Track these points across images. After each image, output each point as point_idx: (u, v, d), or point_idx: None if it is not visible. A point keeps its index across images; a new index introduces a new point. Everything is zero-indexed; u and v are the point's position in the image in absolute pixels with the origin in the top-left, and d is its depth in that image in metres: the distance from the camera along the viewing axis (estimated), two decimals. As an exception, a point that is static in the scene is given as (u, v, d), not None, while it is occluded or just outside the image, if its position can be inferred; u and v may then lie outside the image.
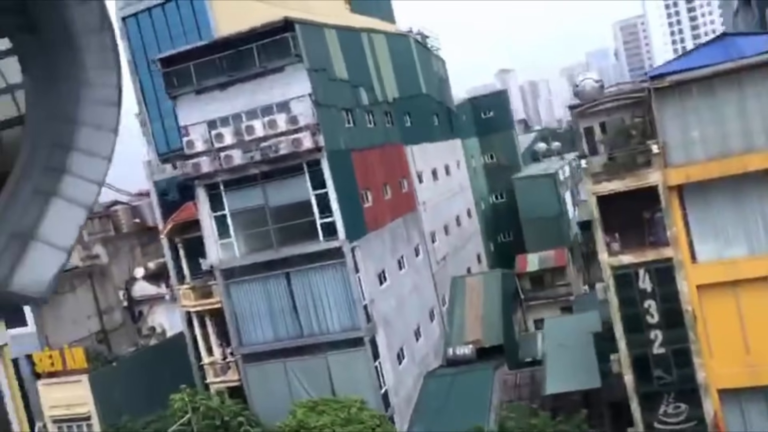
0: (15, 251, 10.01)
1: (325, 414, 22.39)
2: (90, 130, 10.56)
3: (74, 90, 10.42)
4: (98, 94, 10.53)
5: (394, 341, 26.40)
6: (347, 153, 25.60)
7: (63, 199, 10.35)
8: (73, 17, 9.88)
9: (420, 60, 38.78)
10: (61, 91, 10.42)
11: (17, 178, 10.21)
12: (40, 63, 10.22)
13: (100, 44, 10.24)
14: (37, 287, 10.05)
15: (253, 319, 25.35)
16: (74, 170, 10.45)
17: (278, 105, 24.07)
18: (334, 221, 23.96)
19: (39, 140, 10.40)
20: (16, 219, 10.12)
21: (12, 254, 9.99)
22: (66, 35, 10.05)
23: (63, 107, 10.47)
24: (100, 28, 10.08)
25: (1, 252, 10.00)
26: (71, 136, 10.46)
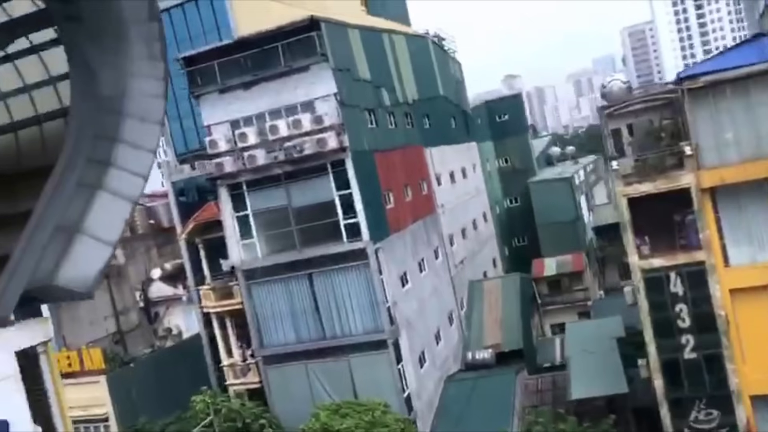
0: (60, 245, 9.82)
1: (349, 417, 22.09)
2: (135, 123, 10.37)
3: (121, 81, 10.25)
4: (144, 85, 10.36)
5: (416, 344, 26.09)
6: (371, 154, 25.38)
7: (108, 192, 10.16)
8: (122, 6, 9.72)
9: (438, 62, 38.59)
10: (108, 82, 10.25)
11: (61, 171, 10.03)
12: (87, 53, 10.05)
13: (148, 34, 10.07)
14: (82, 282, 9.85)
15: (275, 320, 25.09)
16: (119, 163, 10.27)
17: (302, 105, 23.89)
18: (358, 222, 23.71)
19: (84, 132, 10.22)
20: (60, 212, 9.94)
21: (57, 248, 9.81)
22: (114, 25, 9.89)
23: (109, 99, 10.29)
24: (149, 18, 9.92)
25: (46, 245, 9.81)
26: (117, 128, 10.28)
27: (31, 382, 9.50)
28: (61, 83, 11.12)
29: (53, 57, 10.93)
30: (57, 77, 11.07)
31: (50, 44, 10.76)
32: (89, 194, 10.05)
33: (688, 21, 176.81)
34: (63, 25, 9.99)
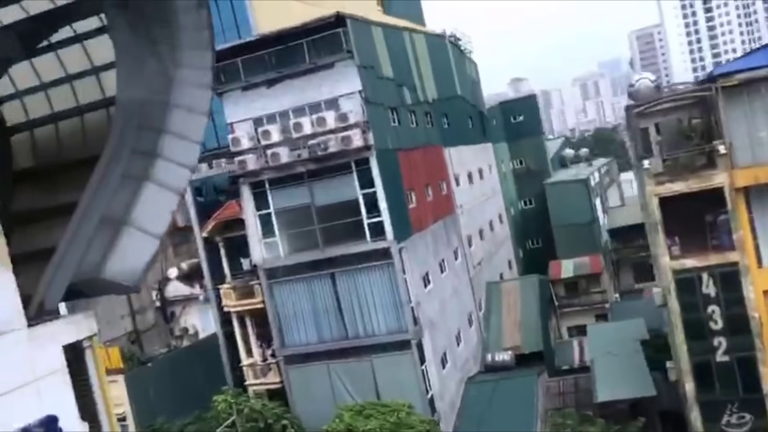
0: (107, 237, 9.60)
1: (373, 418, 21.82)
2: (182, 113, 10.15)
3: (168, 71, 10.03)
4: (192, 75, 10.13)
5: (439, 345, 25.82)
6: (394, 152, 25.15)
7: (155, 183, 9.94)
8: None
9: (455, 62, 38.37)
10: (154, 72, 10.04)
11: (107, 162, 9.79)
12: (134, 42, 9.83)
13: (196, 23, 9.84)
14: (129, 275, 9.62)
15: (297, 320, 24.86)
16: (166, 154, 10.05)
17: (326, 102, 23.69)
18: (382, 221, 23.47)
19: (129, 123, 10.00)
20: (106, 204, 9.71)
21: (104, 240, 9.59)
22: (163, 13, 9.67)
23: (155, 89, 10.07)
24: (198, 6, 9.69)
25: (92, 238, 9.59)
26: (163, 119, 10.05)
27: (77, 377, 9.27)
28: (104, 73, 10.92)
29: (97, 46, 10.73)
30: (100, 67, 10.87)
31: (95, 33, 10.56)
32: (135, 186, 9.83)
33: (697, 24, 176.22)
34: (111, 13, 9.78)
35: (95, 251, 9.48)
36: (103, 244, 9.51)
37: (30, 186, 11.24)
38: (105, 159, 9.81)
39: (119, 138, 9.94)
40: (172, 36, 9.86)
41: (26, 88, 11.30)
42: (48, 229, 10.61)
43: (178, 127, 10.08)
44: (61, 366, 9.01)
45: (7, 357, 8.31)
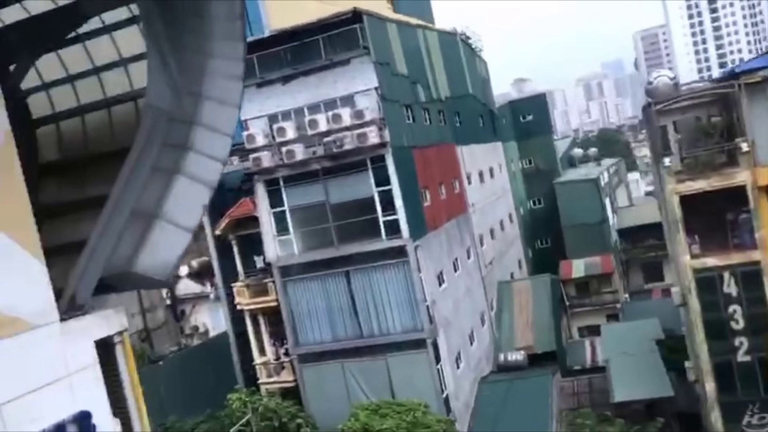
0: (138, 231, 9.43)
1: (389, 417, 21.64)
2: (214, 105, 9.99)
3: (199, 62, 9.86)
4: (223, 66, 9.97)
5: (453, 345, 25.64)
6: (409, 150, 24.98)
7: (186, 176, 9.77)
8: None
9: (466, 60, 38.19)
10: (186, 63, 9.87)
11: (137, 155, 9.63)
12: (166, 32, 9.66)
13: (228, 12, 9.69)
14: (160, 269, 9.46)
15: (311, 318, 24.69)
16: (197, 147, 9.88)
17: (342, 99, 23.50)
18: (398, 219, 23.28)
19: (160, 115, 9.84)
20: (137, 197, 9.55)
21: (135, 234, 9.42)
22: (194, 2, 9.52)
23: (187, 80, 9.90)
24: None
25: (123, 231, 9.43)
26: (195, 111, 9.89)
27: (108, 373, 9.11)
28: (132, 65, 10.77)
29: (126, 37, 10.57)
30: (129, 58, 10.71)
31: (124, 23, 10.41)
32: (167, 179, 9.66)
33: (703, 24, 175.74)
34: (141, 3, 9.63)
35: (126, 245, 9.32)
36: (135, 237, 9.35)
37: (56, 179, 11.10)
38: (135, 151, 9.65)
39: (150, 130, 9.77)
40: (204, 26, 9.71)
41: (53, 80, 11.16)
42: (75, 223, 10.48)
43: (209, 120, 9.91)
44: (94, 361, 8.85)
45: (40, 351, 8.16)
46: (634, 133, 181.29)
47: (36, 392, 7.97)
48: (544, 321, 32.42)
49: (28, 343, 8.02)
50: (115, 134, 11.04)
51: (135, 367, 9.72)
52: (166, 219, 9.51)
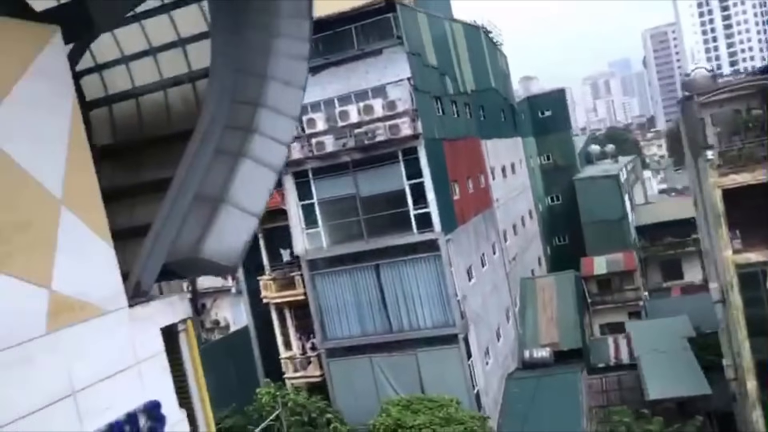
0: (204, 215, 9.10)
1: (421, 413, 21.31)
2: (279, 86, 9.64)
3: (265, 41, 9.51)
4: (289, 46, 9.62)
5: (482, 340, 25.30)
6: (440, 142, 24.62)
7: (252, 160, 9.43)
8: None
9: (488, 53, 37.79)
10: (251, 42, 9.53)
11: (201, 138, 9.30)
12: (230, 10, 9.33)
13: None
14: (227, 254, 9.12)
15: (339, 312, 24.37)
16: (262, 129, 9.53)
17: (373, 90, 23.14)
18: (429, 212, 22.94)
19: (224, 96, 9.51)
20: (200, 181, 9.22)
21: (200, 219, 9.08)
22: (262, -21, 9.19)
23: (252, 60, 9.56)
24: (298, -29, 9.21)
25: (187, 215, 9.10)
26: (260, 92, 9.54)
27: (171, 362, 8.81)
28: (191, 45, 10.45)
29: (185, 17, 10.23)
30: (187, 39, 10.37)
31: (183, 2, 10.07)
32: (232, 162, 9.32)
33: (714, 23, 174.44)
34: (207, -20, 9.31)
35: (192, 230, 8.99)
36: (201, 222, 9.02)
37: (110, 163, 10.74)
38: (199, 133, 9.32)
39: (213, 112, 9.44)
40: (271, 3, 9.37)
41: (106, 61, 10.84)
42: (131, 208, 10.17)
43: (274, 101, 9.57)
44: (161, 349, 8.55)
45: (111, 338, 7.85)
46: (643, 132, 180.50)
47: (108, 380, 7.66)
48: (569, 318, 32.05)
49: (99, 329, 7.71)
50: (172, 117, 10.70)
51: (198, 356, 9.39)
52: (232, 203, 9.17)
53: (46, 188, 7.45)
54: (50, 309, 7.22)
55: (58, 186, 7.61)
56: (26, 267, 7.02)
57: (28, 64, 7.47)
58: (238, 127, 9.54)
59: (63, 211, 7.60)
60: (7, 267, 6.82)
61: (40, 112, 7.57)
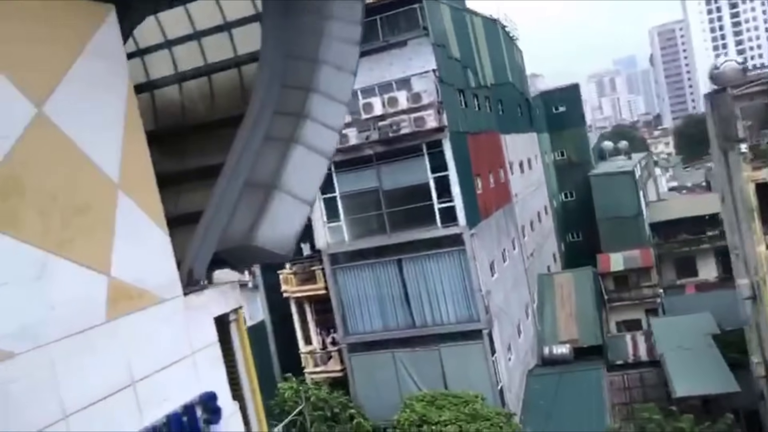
0: (256, 203, 8.85)
1: (446, 409, 21.10)
2: (331, 71, 9.37)
3: (316, 24, 9.25)
4: (341, 29, 9.36)
5: (505, 336, 25.04)
6: (464, 135, 24.33)
7: (303, 146, 9.16)
8: (328, -61, 8.76)
9: (505, 47, 37.45)
10: (303, 26, 9.27)
11: (251, 124, 9.06)
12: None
13: (350, -29, 9.09)
14: (280, 242, 8.86)
15: (361, 307, 24.14)
16: (314, 114, 9.27)
17: (398, 82, 22.87)
18: (454, 206, 22.67)
19: (274, 81, 9.26)
20: (251, 167, 8.98)
21: (253, 206, 8.83)
22: (316, -40, 8.93)
23: (303, 44, 9.30)
24: (353, -48, 8.94)
25: (238, 202, 8.86)
26: (311, 77, 9.27)
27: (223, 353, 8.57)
28: (237, 29, 10.20)
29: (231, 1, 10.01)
30: (233, 22, 10.13)
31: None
32: (283, 148, 9.07)
33: (722, 20, 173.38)
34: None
35: (245, 217, 8.74)
36: (253, 209, 8.76)
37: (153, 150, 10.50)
38: (249, 119, 9.07)
39: (263, 97, 9.19)
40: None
41: (148, 45, 10.59)
42: (175, 195, 9.91)
43: (325, 87, 9.30)
44: (214, 339, 8.32)
45: (167, 327, 7.62)
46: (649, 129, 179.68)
47: (165, 370, 7.43)
48: (589, 314, 31.77)
49: (156, 318, 7.47)
50: (216, 103, 10.47)
51: (249, 347, 9.16)
52: (284, 190, 8.91)
53: (104, 171, 7.21)
54: (109, 296, 6.98)
55: (115, 169, 7.37)
56: (86, 252, 6.79)
57: (85, 43, 7.23)
58: (289, 112, 9.27)
59: (120, 196, 7.36)
60: (67, 251, 6.59)
61: (98, 93, 7.33)
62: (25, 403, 5.90)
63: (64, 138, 6.78)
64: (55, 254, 6.45)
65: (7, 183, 6.14)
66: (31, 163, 6.40)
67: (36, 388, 6.03)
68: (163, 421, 7.20)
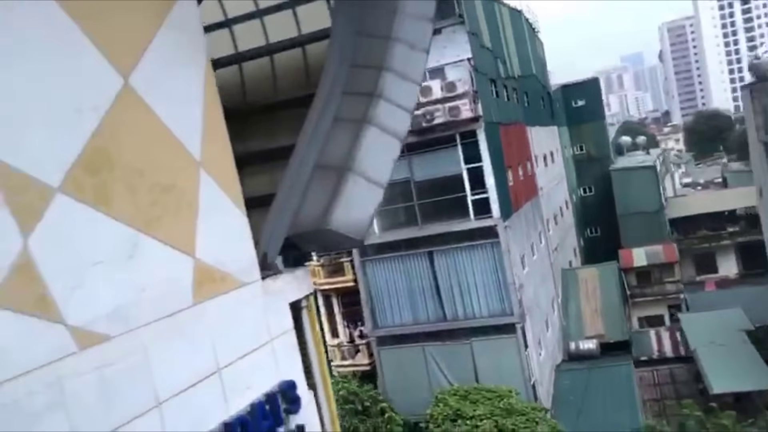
0: (329, 186, 8.50)
1: (479, 403, 20.78)
2: (404, 49, 8.97)
3: (390, 1, 8.90)
4: (414, 5, 8.96)
5: (536, 331, 24.71)
6: (497, 126, 23.94)
7: (376, 127, 8.78)
8: None
9: (529, 39, 36.99)
10: (375, 2, 8.92)
11: (322, 104, 8.71)
12: (357, -33, 8.72)
13: (425, -56, 8.71)
14: (355, 227, 8.50)
15: (390, 300, 23.81)
16: (386, 94, 8.88)
17: (431, 71, 22.45)
18: (488, 198, 22.30)
19: (345, 60, 8.90)
20: (323, 149, 8.64)
21: (326, 189, 8.47)
22: (392, -68, 8.55)
23: (375, 21, 8.92)
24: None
25: (308, 185, 8.52)
26: (384, 56, 8.89)
27: (296, 340, 8.26)
28: (301, 7, 9.85)
29: (296, -25, 9.67)
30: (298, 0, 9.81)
31: (298, -40, 9.48)
32: (356, 129, 8.73)
33: (734, 16, 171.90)
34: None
35: (318, 201, 8.38)
36: (327, 193, 8.40)
37: (213, 133, 10.20)
38: (320, 100, 8.73)
39: (334, 77, 8.84)
40: (399, -41, 8.73)
41: (208, 24, 10.22)
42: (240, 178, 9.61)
43: (399, 65, 8.91)
44: (291, 326, 7.99)
45: (248, 312, 7.31)
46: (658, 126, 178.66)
47: (247, 357, 7.11)
48: (615, 309, 31.40)
49: (238, 302, 7.14)
50: (278, 84, 10.12)
51: (320, 334, 8.83)
52: (358, 173, 8.54)
53: (187, 149, 6.88)
54: (195, 278, 6.66)
55: (197, 147, 7.03)
56: (173, 232, 6.45)
57: (165, 14, 6.87)
58: (361, 92, 8.92)
59: (202, 175, 7.03)
60: (155, 230, 6.25)
61: (178, 67, 6.98)
62: (120, 389, 5.58)
63: (150, 112, 6.45)
64: (144, 233, 6.12)
65: (98, 156, 5.81)
66: (119, 136, 6.07)
67: (130, 374, 5.71)
68: (247, 410, 6.88)
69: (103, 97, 5.97)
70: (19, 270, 4.99)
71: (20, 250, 5.03)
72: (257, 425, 6.87)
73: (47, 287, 5.17)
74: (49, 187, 5.31)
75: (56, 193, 5.36)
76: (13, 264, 4.96)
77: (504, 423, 19.90)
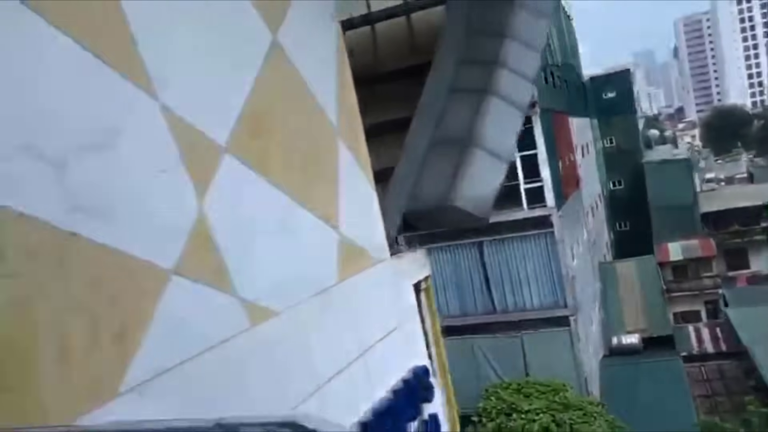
0: (451, 160, 7.98)
1: (533, 397, 20.28)
2: (526, 15, 8.45)
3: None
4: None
5: (586, 324, 24.16)
6: (549, 113, 23.35)
7: (498, 98, 8.26)
8: None
9: (566, 27, 36.30)
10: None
11: (439, 75, 8.21)
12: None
13: None
14: (480, 204, 7.99)
15: (438, 291, 23.22)
16: (509, 63, 8.37)
17: (484, 56, 21.84)
18: (542, 187, 21.72)
19: (463, 27, 8.39)
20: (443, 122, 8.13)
21: (447, 164, 7.96)
22: None
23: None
24: None
25: (428, 158, 8.02)
26: (506, 22, 8.38)
27: (415, 324, 7.78)
28: (408, -26, 9.36)
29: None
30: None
31: None
32: (477, 100, 8.23)
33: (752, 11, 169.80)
34: None
35: (440, 176, 7.88)
36: (449, 168, 7.89)
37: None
38: (436, 70, 8.22)
39: (450, 45, 8.33)
40: None
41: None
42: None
43: (521, 32, 8.39)
44: (416, 309, 7.49)
45: (383, 292, 6.81)
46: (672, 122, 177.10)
47: (384, 340, 6.61)
48: (656, 304, 30.81)
49: (374, 281, 6.64)
50: (379, 56, 9.62)
51: (437, 317, 8.33)
52: (480, 146, 8.02)
53: (327, 116, 6.39)
54: (339, 253, 6.19)
55: (334, 115, 6.53)
56: (321, 204, 5.96)
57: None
58: (481, 61, 8.41)
59: (340, 145, 6.54)
60: (306, 201, 5.78)
61: (316, 27, 6.49)
62: (285, 371, 5.09)
63: (297, 74, 5.94)
64: (298, 203, 5.64)
65: (256, 117, 5.31)
66: (272, 97, 5.57)
67: (293, 354, 5.22)
68: (390, 396, 6.40)
69: (257, 55, 5.48)
70: (197, 235, 4.52)
71: (196, 213, 4.56)
72: (402, 413, 6.39)
73: (222, 255, 4.69)
74: (218, 146, 4.82)
75: (224, 153, 4.88)
76: (191, 229, 4.49)
77: (561, 417, 19.40)
